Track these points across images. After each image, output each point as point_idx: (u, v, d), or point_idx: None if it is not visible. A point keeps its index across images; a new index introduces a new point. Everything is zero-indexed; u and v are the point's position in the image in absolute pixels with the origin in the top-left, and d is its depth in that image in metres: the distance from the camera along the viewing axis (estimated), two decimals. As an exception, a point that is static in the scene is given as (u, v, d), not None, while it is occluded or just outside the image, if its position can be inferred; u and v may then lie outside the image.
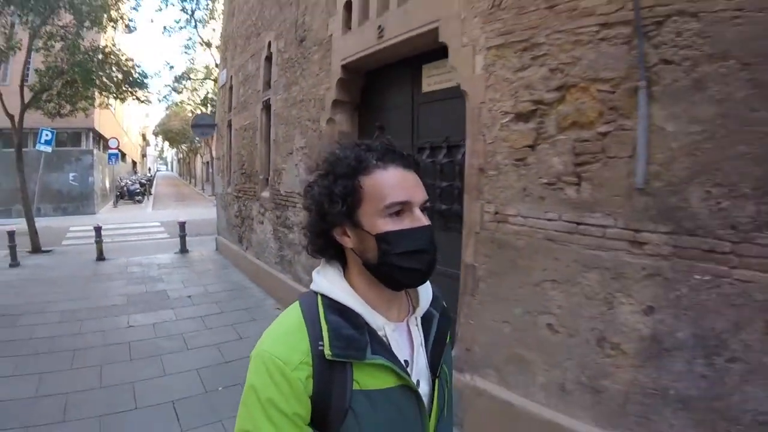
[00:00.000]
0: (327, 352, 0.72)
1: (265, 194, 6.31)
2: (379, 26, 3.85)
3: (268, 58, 6.21)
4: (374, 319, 0.78)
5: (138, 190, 22.83)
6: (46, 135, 10.40)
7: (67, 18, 8.95)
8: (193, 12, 17.99)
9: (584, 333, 2.37)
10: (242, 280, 6.93)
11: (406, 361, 0.80)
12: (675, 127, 1.99)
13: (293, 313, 0.79)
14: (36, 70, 9.18)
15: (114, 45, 10.24)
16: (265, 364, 0.71)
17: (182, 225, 8.86)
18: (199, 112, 19.92)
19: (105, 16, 9.69)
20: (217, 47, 15.06)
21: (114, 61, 9.98)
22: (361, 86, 4.51)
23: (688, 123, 1.94)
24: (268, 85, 6.24)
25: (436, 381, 0.85)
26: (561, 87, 2.44)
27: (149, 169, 47.00)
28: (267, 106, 6.26)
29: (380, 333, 0.78)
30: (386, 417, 0.75)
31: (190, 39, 21.33)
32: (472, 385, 2.95)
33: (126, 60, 10.30)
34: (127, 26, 11.27)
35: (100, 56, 9.62)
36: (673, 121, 1.99)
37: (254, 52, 6.82)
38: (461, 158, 3.20)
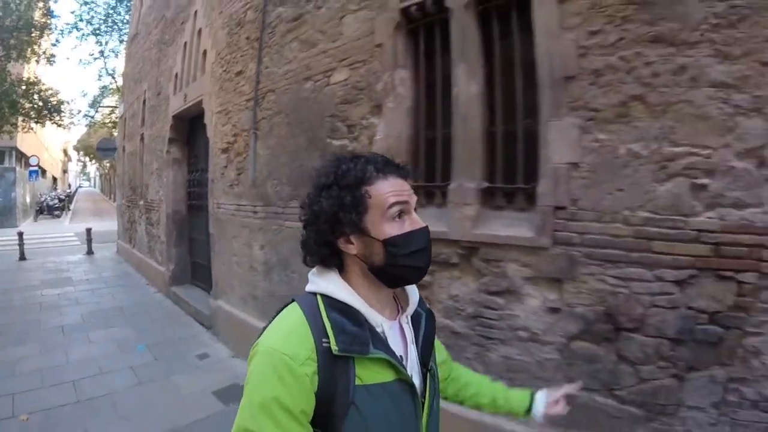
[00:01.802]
0: (334, 347, 0.75)
1: (141, 202, 8.50)
2: (185, 94, 6.24)
3: (144, 102, 8.46)
4: (374, 316, 0.82)
5: (57, 205, 24.05)
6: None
7: (-5, 51, 10.66)
8: (103, 48, 19.47)
9: (246, 264, 4.71)
10: (129, 270, 9.01)
11: (400, 357, 0.84)
12: (262, 152, 4.38)
13: (293, 313, 0.81)
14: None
15: (36, 77, 12.09)
16: (272, 361, 0.73)
17: (89, 230, 10.80)
18: (115, 131, 21.49)
19: (29, 49, 11.50)
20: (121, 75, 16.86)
21: (36, 91, 11.82)
22: (188, 129, 6.84)
23: (266, 149, 4.32)
24: (143, 121, 8.47)
25: (428, 375, 0.90)
26: (236, 134, 4.86)
27: (69, 185, 46.26)
28: (142, 138, 8.49)
29: (378, 329, 0.83)
30: (386, 410, 0.78)
31: (104, 68, 22.76)
32: (217, 305, 5.23)
33: (46, 89, 12.16)
34: (48, 59, 13.06)
35: (24, 87, 11.44)
36: (262, 149, 4.38)
37: (138, 94, 9.04)
38: (207, 174, 5.60)
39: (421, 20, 2.85)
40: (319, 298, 0.83)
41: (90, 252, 10.77)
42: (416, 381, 0.86)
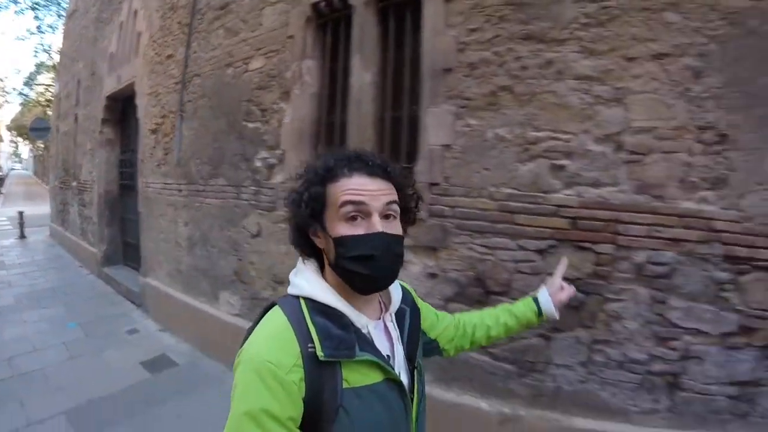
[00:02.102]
0: (319, 353, 0.73)
1: (74, 183, 8.32)
2: (119, 75, 6.23)
3: (78, 81, 8.27)
4: (358, 318, 0.81)
5: None
6: None
7: None
8: (41, 23, 18.50)
9: (171, 240, 4.86)
10: (62, 253, 8.78)
11: (387, 356, 0.83)
12: (187, 133, 4.53)
13: (277, 318, 0.79)
14: None
15: None
16: (257, 370, 0.71)
17: (21, 214, 10.36)
18: (50, 111, 20.49)
19: None
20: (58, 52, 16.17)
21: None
22: (121, 109, 6.81)
23: (190, 130, 4.46)
24: (77, 101, 8.28)
25: (415, 371, 0.89)
26: (164, 116, 4.97)
27: (0, 168, 43.37)
28: (76, 118, 8.30)
29: (364, 331, 0.82)
30: (375, 411, 0.77)
31: (40, 44, 21.54)
32: (146, 282, 5.33)
33: None
34: None
35: None
36: (187, 131, 4.53)
37: (74, 73, 8.80)
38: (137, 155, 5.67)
39: (329, 15, 3.13)
40: (302, 301, 0.81)
41: (22, 236, 10.35)
42: (404, 379, 0.85)
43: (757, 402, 2.22)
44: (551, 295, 1.25)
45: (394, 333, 0.89)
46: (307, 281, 0.83)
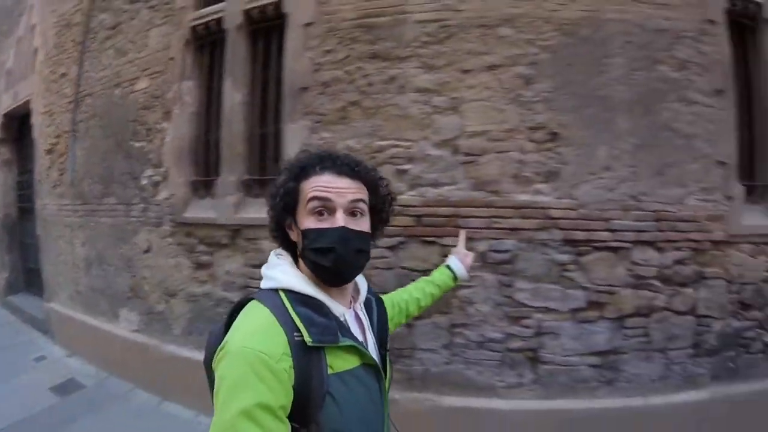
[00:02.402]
0: (307, 339, 0.77)
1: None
2: (16, 92, 6.00)
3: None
4: (335, 306, 0.87)
5: None
6: None
7: None
8: None
9: (70, 262, 4.73)
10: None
11: (361, 342, 0.87)
12: (80, 153, 4.47)
13: (259, 311, 0.81)
14: None
15: None
16: (247, 360, 0.71)
17: None
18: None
19: None
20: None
21: None
22: (18, 128, 6.54)
23: (83, 150, 4.40)
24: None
25: (387, 355, 0.97)
26: (58, 135, 4.86)
27: None
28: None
29: (341, 319, 0.87)
30: (357, 394, 0.82)
31: None
32: (50, 307, 5.11)
33: None
34: None
35: None
36: (80, 150, 4.47)
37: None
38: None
39: (207, 38, 3.32)
40: (281, 293, 0.84)
41: None
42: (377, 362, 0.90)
43: (621, 369, 2.56)
44: (460, 260, 1.46)
45: (365, 321, 0.95)
46: (285, 273, 0.87)
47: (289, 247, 0.92)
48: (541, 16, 2.52)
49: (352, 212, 0.86)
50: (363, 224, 0.89)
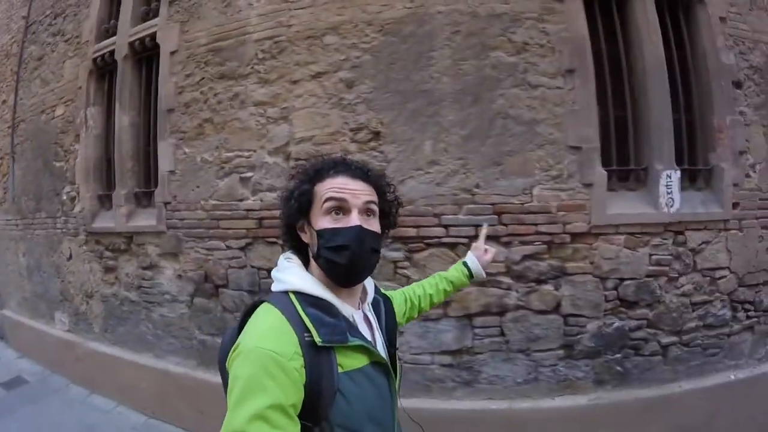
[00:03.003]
0: (317, 339, 0.79)
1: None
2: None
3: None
4: (344, 307, 0.89)
5: None
6: None
7: None
8: None
9: (16, 272, 5.14)
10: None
11: (369, 341, 0.90)
12: (18, 173, 4.91)
13: (270, 312, 0.83)
14: None
15: None
16: (260, 359, 0.73)
17: None
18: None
19: None
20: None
21: None
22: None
23: (20, 170, 4.83)
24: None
25: (396, 354, 0.99)
26: (1, 158, 5.32)
27: None
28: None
29: (350, 319, 0.90)
30: (366, 392, 0.84)
31: None
32: (2, 314, 5.55)
33: None
34: None
35: None
36: (18, 170, 4.89)
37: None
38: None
39: (105, 68, 3.78)
40: (291, 295, 0.87)
41: None
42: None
43: (479, 369, 2.48)
44: (477, 258, 1.42)
45: (374, 321, 0.98)
46: (296, 276, 0.90)
47: (300, 250, 0.96)
48: (365, 20, 2.60)
49: (366, 213, 0.90)
50: (375, 225, 0.93)
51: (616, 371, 2.57)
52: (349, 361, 0.83)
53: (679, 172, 2.65)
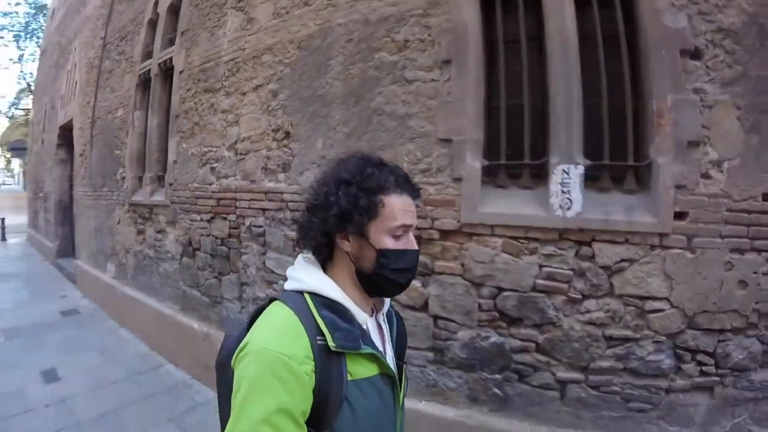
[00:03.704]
0: (331, 344, 0.77)
1: (41, 194, 10.41)
2: (66, 111, 8.30)
3: (45, 111, 10.39)
4: (359, 313, 0.87)
5: None
6: None
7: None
8: (23, 52, 20.84)
9: (88, 232, 6.83)
10: (32, 251, 10.85)
11: (381, 351, 0.88)
12: (94, 157, 6.55)
13: (282, 312, 0.82)
14: None
15: None
16: (268, 362, 0.72)
17: (2, 220, 12.50)
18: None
19: None
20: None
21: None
22: (69, 137, 8.83)
23: (95, 155, 6.48)
24: (44, 128, 10.40)
25: (403, 367, 0.96)
26: (85, 144, 6.99)
27: None
28: (43, 141, 10.41)
29: (364, 326, 0.88)
30: (373, 403, 0.82)
31: (21, 72, 23.36)
32: (76, 264, 7.29)
33: None
34: None
35: None
36: (94, 155, 6.56)
37: (42, 104, 10.93)
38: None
39: (147, 81, 5.11)
40: (306, 296, 0.85)
41: (3, 239, 12.47)
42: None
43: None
44: None
45: (386, 331, 0.98)
46: (314, 277, 0.88)
47: (323, 252, 0.91)
48: (289, 39, 3.02)
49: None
50: None
51: (494, 393, 2.32)
52: (359, 369, 0.82)
53: (580, 168, 2.18)
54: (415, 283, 2.44)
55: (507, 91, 2.43)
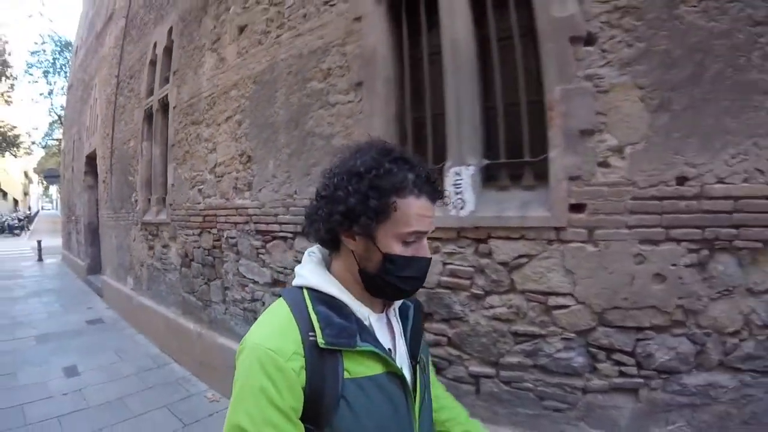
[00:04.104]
0: (320, 340, 0.75)
1: (73, 217, 11.37)
2: (90, 142, 9.18)
3: (74, 142, 11.39)
4: (359, 309, 0.83)
5: (17, 225, 26.40)
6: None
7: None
8: (52, 87, 22.57)
9: (111, 249, 7.59)
10: (66, 270, 11.83)
11: (389, 349, 0.84)
12: (113, 183, 7.34)
13: (279, 308, 0.82)
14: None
15: None
16: (258, 358, 0.73)
17: (39, 242, 13.62)
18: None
19: None
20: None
21: (-5, 128, 14.69)
22: (94, 165, 9.75)
23: (114, 181, 7.27)
24: (73, 156, 11.39)
25: (417, 367, 0.90)
26: (107, 172, 7.79)
27: (29, 208, 46.44)
28: (73, 169, 11.40)
29: (366, 322, 0.83)
30: (376, 403, 0.78)
31: (51, 106, 25.06)
32: (103, 279, 8.09)
33: (4, 125, 14.94)
34: (5, 101, 15.67)
35: None
36: (113, 181, 7.33)
37: (71, 135, 11.95)
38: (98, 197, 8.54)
39: (152, 116, 5.80)
40: (304, 291, 0.83)
41: (40, 259, 13.59)
42: (406, 374, 0.86)
43: None
44: None
45: (397, 328, 0.92)
46: (313, 273, 0.86)
47: (330, 245, 0.88)
48: (248, 75, 3.49)
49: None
50: None
51: None
52: (358, 368, 0.78)
53: (471, 168, 2.29)
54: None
55: (413, 105, 2.65)
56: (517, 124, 2.28)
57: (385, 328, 0.90)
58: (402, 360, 0.88)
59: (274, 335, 0.76)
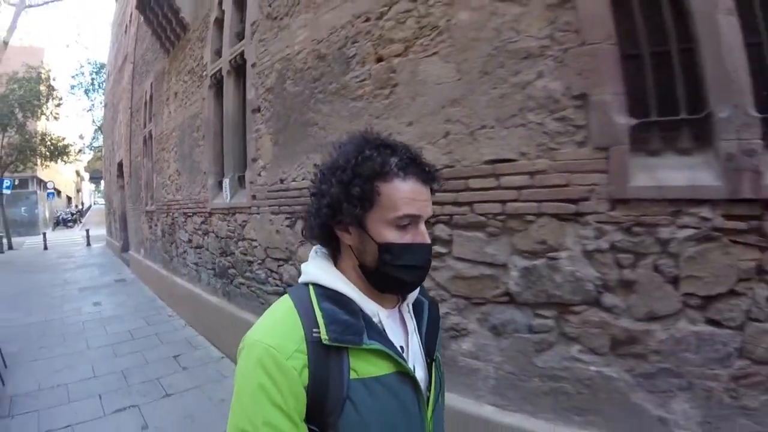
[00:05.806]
0: (324, 336, 0.71)
1: (112, 210, 14.58)
2: (119, 153, 12.17)
3: (110, 150, 14.49)
4: (368, 305, 0.78)
5: (70, 218, 30.17)
6: (6, 183, 17.07)
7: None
8: (93, 102, 26.40)
9: (133, 230, 10.51)
10: (107, 251, 15.11)
11: (401, 347, 0.79)
12: (131, 184, 10.19)
13: (283, 304, 0.78)
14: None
15: (46, 129, 18.14)
16: (258, 356, 0.69)
17: (87, 231, 17.04)
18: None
19: (39, 111, 16.95)
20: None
21: (48, 139, 17.98)
22: (123, 170, 12.77)
23: (131, 183, 10.13)
24: (110, 162, 14.50)
25: (433, 365, 0.85)
26: (130, 175, 10.68)
27: (82, 203, 50.56)
28: (110, 172, 14.52)
29: (375, 319, 0.78)
30: (385, 405, 0.74)
31: (93, 120, 28.86)
32: (129, 254, 11.05)
33: (55, 138, 18.25)
34: (54, 117, 18.28)
35: (39, 138, 17.59)
36: (131, 184, 10.19)
37: (107, 145, 15.08)
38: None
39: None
40: (310, 287, 0.79)
41: (88, 244, 17.03)
42: (419, 373, 0.81)
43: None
44: None
45: (410, 324, 0.86)
46: (319, 268, 0.82)
47: (329, 243, 0.84)
48: (176, 125, 5.75)
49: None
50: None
51: (226, 291, 4.61)
52: (365, 367, 0.74)
53: (228, 180, 4.73)
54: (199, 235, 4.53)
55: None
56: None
57: (398, 324, 0.84)
58: (415, 357, 0.83)
59: (275, 332, 0.73)
